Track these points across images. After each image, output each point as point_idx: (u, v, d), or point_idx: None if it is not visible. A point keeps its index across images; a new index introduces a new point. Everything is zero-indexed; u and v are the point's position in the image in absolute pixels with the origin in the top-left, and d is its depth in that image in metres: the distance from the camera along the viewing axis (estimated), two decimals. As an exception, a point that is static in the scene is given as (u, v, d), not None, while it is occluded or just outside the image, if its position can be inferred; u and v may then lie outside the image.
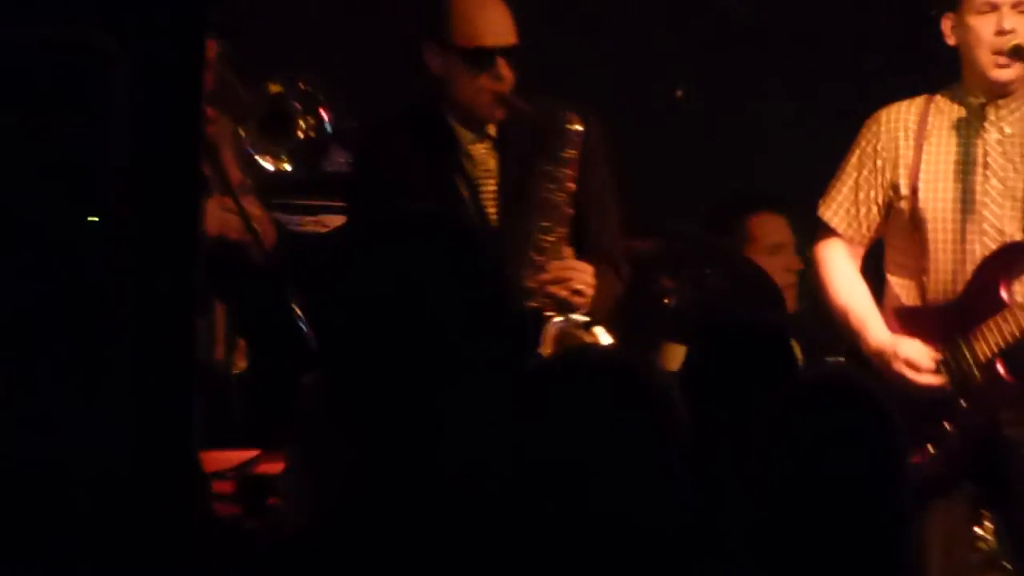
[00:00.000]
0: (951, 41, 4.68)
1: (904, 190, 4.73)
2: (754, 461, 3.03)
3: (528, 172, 4.67)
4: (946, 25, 4.67)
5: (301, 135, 5.13)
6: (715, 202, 5.86)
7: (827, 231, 4.85)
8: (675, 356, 4.40)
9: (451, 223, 2.61)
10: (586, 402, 2.65)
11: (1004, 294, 4.58)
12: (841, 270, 4.84)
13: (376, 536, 2.43)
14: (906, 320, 4.75)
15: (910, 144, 4.75)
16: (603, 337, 4.61)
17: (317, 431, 3.37)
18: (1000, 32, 4.57)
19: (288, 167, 5.11)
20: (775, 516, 2.87)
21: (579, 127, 4.63)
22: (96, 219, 2.95)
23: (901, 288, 4.78)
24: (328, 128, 5.12)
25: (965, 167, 4.69)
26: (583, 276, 4.65)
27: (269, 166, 5.04)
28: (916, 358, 4.64)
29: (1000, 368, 4.53)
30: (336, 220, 5.35)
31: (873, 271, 4.91)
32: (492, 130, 4.72)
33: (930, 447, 4.57)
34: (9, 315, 2.97)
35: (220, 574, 3.42)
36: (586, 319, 4.59)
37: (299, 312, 4.48)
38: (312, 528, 2.62)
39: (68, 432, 3.03)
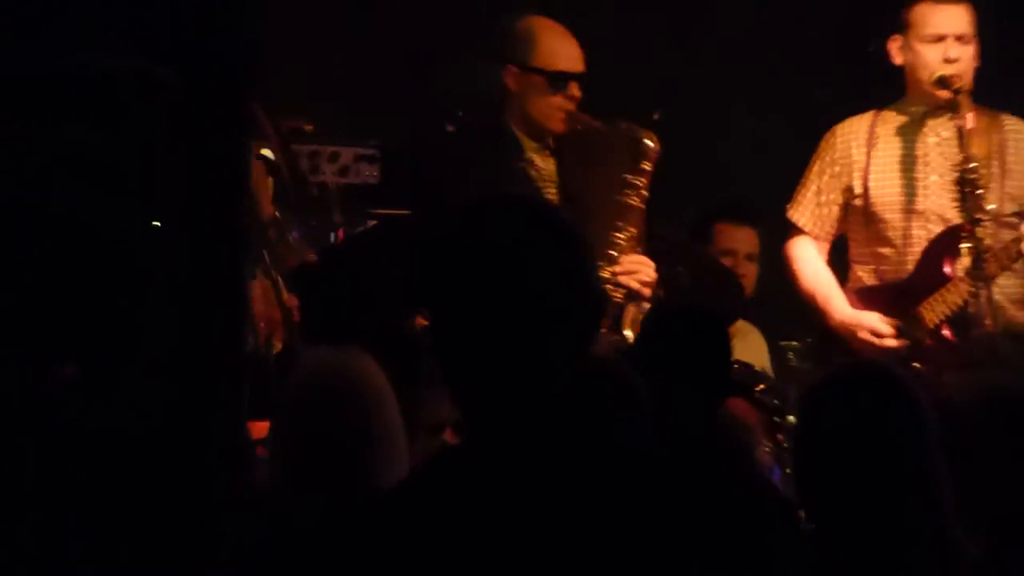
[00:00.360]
0: (898, 61, 4.74)
1: (858, 189, 4.79)
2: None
3: (589, 178, 4.71)
4: (893, 46, 4.72)
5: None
6: (694, 211, 5.82)
7: (795, 230, 4.93)
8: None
9: (551, 210, 2.60)
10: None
11: (948, 269, 4.62)
12: (808, 261, 4.90)
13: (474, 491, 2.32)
14: (866, 298, 4.80)
15: (862, 151, 4.82)
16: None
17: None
18: (946, 60, 4.60)
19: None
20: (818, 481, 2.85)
21: (654, 144, 4.68)
22: (158, 223, 2.93)
23: (862, 272, 4.86)
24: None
25: (910, 165, 4.74)
26: (649, 271, 4.66)
27: None
28: (878, 327, 4.69)
29: (947, 332, 4.58)
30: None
31: (838, 263, 4.93)
32: (551, 141, 4.75)
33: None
34: (86, 300, 2.91)
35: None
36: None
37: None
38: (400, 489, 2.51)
39: (141, 404, 3.00)
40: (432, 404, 3.94)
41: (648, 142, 4.68)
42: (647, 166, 4.68)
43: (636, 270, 4.64)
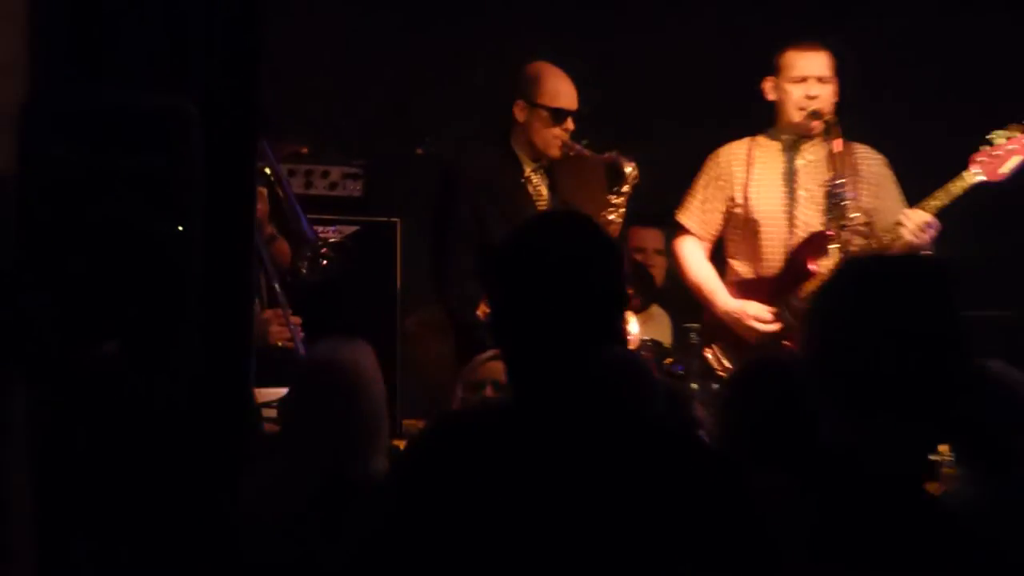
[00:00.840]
0: (770, 97, 4.75)
1: (739, 200, 4.79)
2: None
3: (577, 197, 4.79)
4: (767, 85, 4.73)
5: None
6: None
7: (683, 231, 4.91)
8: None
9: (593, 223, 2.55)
10: None
11: (812, 267, 4.62)
12: (694, 257, 4.89)
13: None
14: (744, 289, 4.80)
15: (742, 169, 4.81)
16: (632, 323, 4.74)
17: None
18: (808, 97, 4.63)
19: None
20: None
21: (633, 171, 4.72)
22: (182, 228, 2.89)
23: (739, 267, 4.84)
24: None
25: (782, 182, 4.75)
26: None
27: None
28: (761, 314, 4.70)
29: None
30: (348, 229, 5.23)
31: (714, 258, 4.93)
32: (545, 163, 4.80)
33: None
34: (124, 292, 2.87)
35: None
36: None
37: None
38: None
39: (174, 371, 2.97)
40: (472, 367, 3.92)
41: (629, 169, 4.72)
42: (626, 189, 4.73)
43: None
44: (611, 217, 4.72)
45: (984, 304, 4.74)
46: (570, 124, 4.76)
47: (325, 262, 4.53)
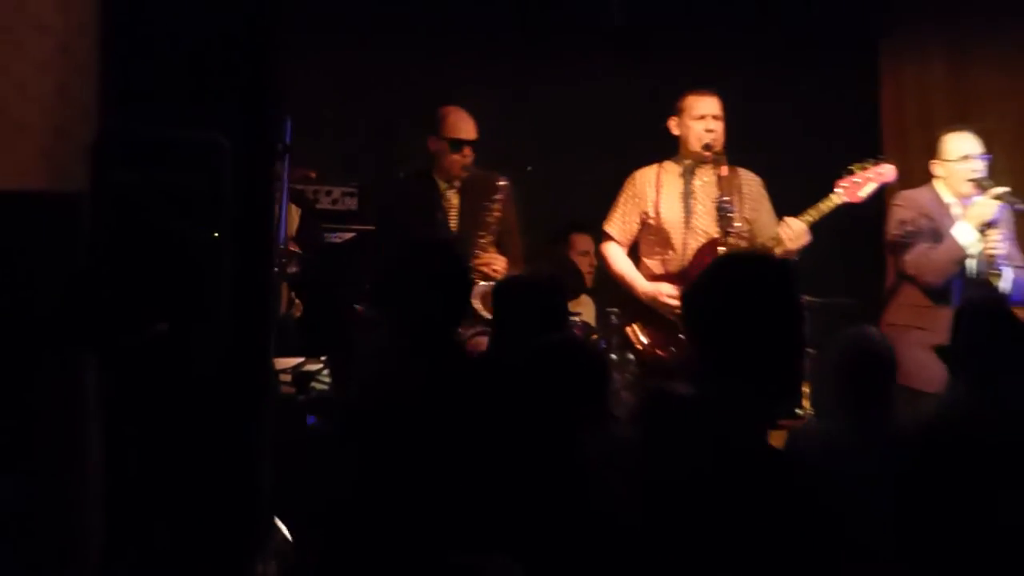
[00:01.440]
0: (675, 132, 4.73)
1: (651, 213, 4.78)
2: None
3: (475, 207, 4.73)
4: (672, 123, 4.74)
5: None
6: (555, 226, 5.88)
7: (608, 237, 4.87)
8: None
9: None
10: None
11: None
12: (618, 256, 4.86)
13: None
14: (655, 280, 4.75)
15: (652, 188, 4.79)
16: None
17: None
18: (707, 131, 4.64)
19: None
20: None
21: (504, 183, 4.73)
22: (216, 234, 2.87)
23: (651, 264, 4.81)
24: None
25: (684, 199, 4.74)
26: (498, 263, 4.68)
27: None
28: (672, 292, 4.64)
29: None
30: (346, 235, 5.33)
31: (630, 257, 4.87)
32: (456, 184, 4.77)
33: (673, 348, 4.60)
34: (171, 285, 2.84)
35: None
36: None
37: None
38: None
39: (210, 346, 2.92)
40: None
41: (500, 183, 4.72)
42: (499, 196, 4.71)
43: (490, 262, 4.66)
44: (488, 218, 4.70)
45: (836, 294, 4.94)
46: (468, 151, 4.72)
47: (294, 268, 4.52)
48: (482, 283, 4.61)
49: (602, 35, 5.95)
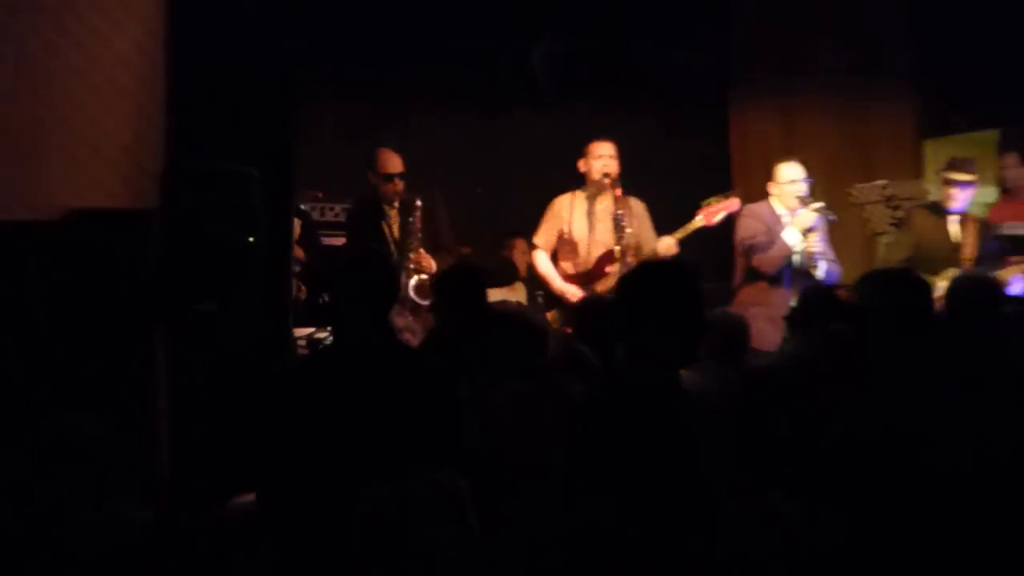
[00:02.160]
0: (583, 169, 4.70)
1: (566, 229, 4.70)
2: None
3: (406, 222, 4.64)
4: (581, 163, 4.70)
5: None
6: (496, 232, 5.86)
7: (535, 247, 4.77)
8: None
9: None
10: None
11: (608, 269, 4.56)
12: (543, 261, 4.75)
13: None
14: (568, 279, 4.69)
15: (567, 210, 4.69)
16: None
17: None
18: (604, 166, 4.61)
19: None
20: None
21: (419, 202, 4.61)
22: (251, 239, 2.88)
23: (566, 267, 4.70)
24: None
25: (589, 218, 4.68)
26: (428, 261, 4.58)
27: None
28: (577, 293, 4.57)
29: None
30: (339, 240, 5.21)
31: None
32: (396, 204, 4.68)
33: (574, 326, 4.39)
34: (219, 274, 2.84)
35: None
36: (427, 277, 4.51)
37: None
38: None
39: (245, 320, 2.98)
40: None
41: (417, 203, 4.61)
42: (417, 214, 4.59)
43: (420, 260, 4.55)
44: (413, 229, 4.58)
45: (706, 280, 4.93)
46: (399, 182, 4.54)
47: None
48: (415, 276, 4.48)
49: (533, 95, 5.96)
